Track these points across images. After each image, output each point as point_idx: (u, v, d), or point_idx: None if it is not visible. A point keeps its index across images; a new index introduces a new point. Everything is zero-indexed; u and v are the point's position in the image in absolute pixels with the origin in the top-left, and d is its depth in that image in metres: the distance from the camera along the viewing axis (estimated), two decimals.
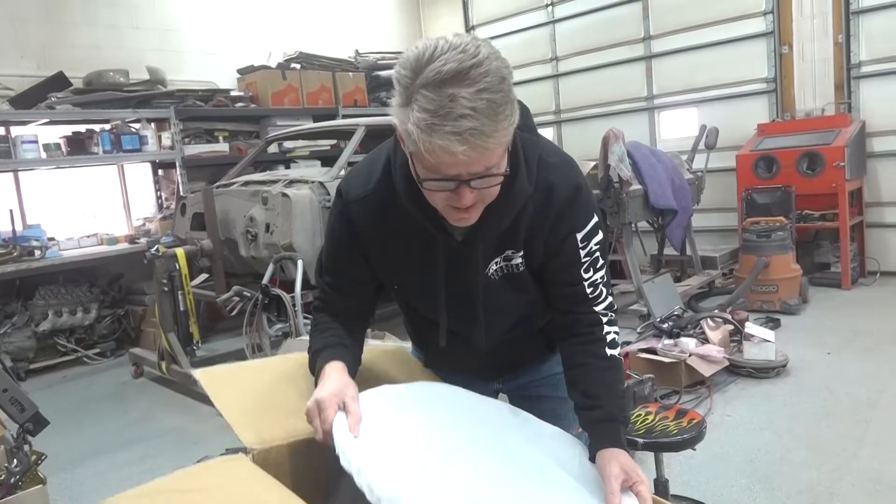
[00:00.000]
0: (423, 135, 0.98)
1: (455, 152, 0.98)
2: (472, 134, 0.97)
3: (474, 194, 1.07)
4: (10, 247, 5.11)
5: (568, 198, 1.23)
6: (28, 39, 5.79)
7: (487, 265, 1.28)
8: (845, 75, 5.86)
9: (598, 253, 1.30)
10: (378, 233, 1.28)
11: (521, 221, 1.23)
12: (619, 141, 4.59)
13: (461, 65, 0.97)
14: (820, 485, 2.64)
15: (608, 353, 1.29)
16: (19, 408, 2.09)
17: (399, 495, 0.96)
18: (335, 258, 1.37)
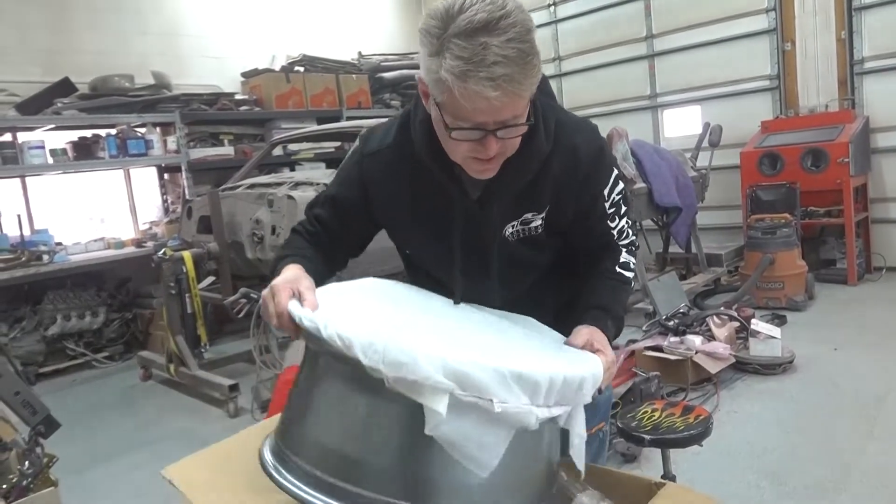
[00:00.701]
0: (457, 81, 1.01)
1: (489, 97, 1.01)
2: (505, 80, 1.00)
3: (499, 144, 1.10)
4: (19, 252, 5.15)
5: (593, 157, 1.28)
6: (34, 45, 5.83)
7: (503, 227, 1.29)
8: (848, 71, 5.85)
9: (620, 200, 1.35)
10: (391, 188, 1.31)
11: (546, 182, 1.26)
12: (622, 140, 4.60)
13: (491, 15, 1.01)
14: (828, 480, 2.64)
15: (617, 270, 1.35)
16: (31, 410, 2.11)
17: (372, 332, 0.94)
18: (337, 195, 1.39)
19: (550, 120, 1.23)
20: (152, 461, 3.53)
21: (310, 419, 1.05)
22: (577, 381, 1.02)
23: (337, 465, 0.97)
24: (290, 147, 6.44)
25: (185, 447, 3.76)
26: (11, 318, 5.26)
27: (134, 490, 3.20)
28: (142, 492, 3.15)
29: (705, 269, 5.67)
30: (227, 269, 4.56)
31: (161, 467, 3.37)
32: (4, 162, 5.17)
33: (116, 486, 3.29)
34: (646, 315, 4.65)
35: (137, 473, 3.40)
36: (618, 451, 2.96)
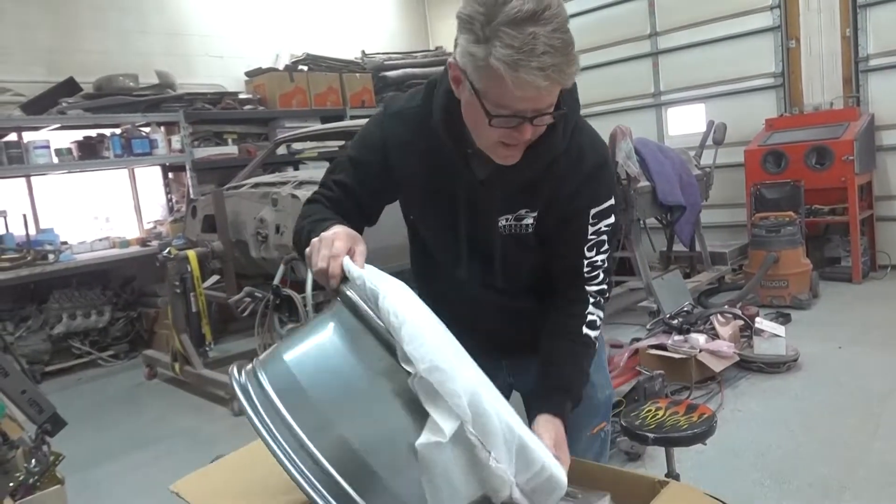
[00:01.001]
0: (509, 70, 1.02)
1: (539, 87, 1.03)
2: (553, 70, 1.02)
3: (532, 131, 1.12)
4: (24, 251, 5.17)
5: (595, 168, 1.28)
6: (38, 45, 5.85)
7: (498, 217, 1.31)
8: (853, 69, 5.83)
9: (606, 236, 1.32)
10: (408, 150, 1.31)
11: (546, 180, 1.26)
12: (626, 138, 4.59)
13: (538, 5, 1.02)
14: (832, 478, 2.64)
15: (583, 332, 1.32)
16: (37, 409, 2.13)
17: (422, 326, 0.93)
18: (358, 157, 1.37)
19: (571, 120, 1.24)
20: (158, 459, 3.55)
21: (304, 366, 0.98)
22: (556, 484, 1.00)
23: (310, 420, 0.92)
24: (293, 146, 6.45)
25: (189, 445, 3.82)
26: (17, 317, 5.29)
27: (139, 488, 3.22)
28: (147, 489, 3.16)
29: (709, 268, 5.66)
30: (231, 268, 4.57)
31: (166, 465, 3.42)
32: (10, 162, 5.19)
33: (122, 483, 3.31)
34: (650, 313, 4.64)
35: (143, 471, 3.41)
36: (621, 450, 2.96)
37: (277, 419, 0.92)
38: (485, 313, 1.45)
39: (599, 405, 1.58)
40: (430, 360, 0.88)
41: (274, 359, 1.02)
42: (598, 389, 1.57)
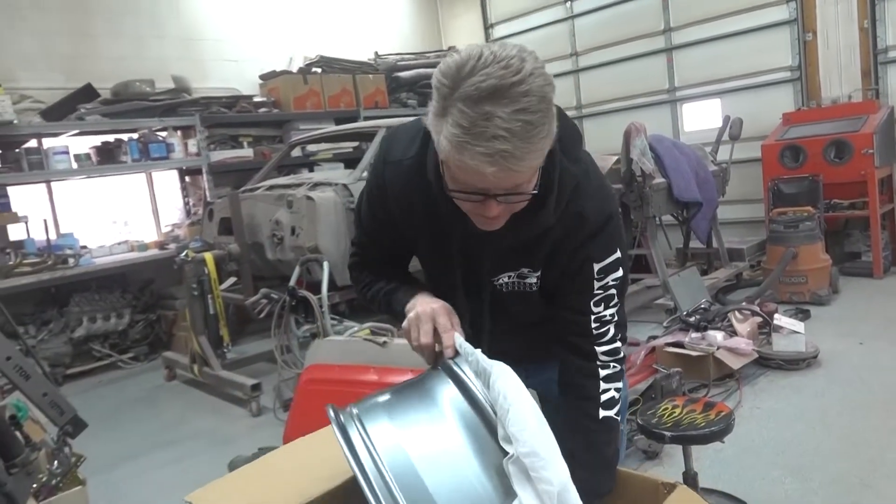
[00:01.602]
0: (454, 151, 0.97)
1: (484, 173, 0.96)
2: (503, 156, 0.94)
3: (500, 207, 1.06)
4: (45, 255, 5.25)
5: (596, 228, 1.21)
6: (56, 53, 5.94)
7: (498, 275, 1.28)
8: (872, 61, 5.74)
9: (615, 290, 1.25)
10: (405, 202, 1.29)
11: (545, 243, 1.22)
12: (640, 134, 4.55)
13: (502, 81, 0.93)
14: (853, 476, 2.60)
15: (601, 416, 1.25)
16: (59, 411, 2.15)
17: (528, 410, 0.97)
18: (371, 212, 1.37)
19: (566, 188, 1.16)
20: (178, 460, 3.59)
21: (403, 420, 1.06)
22: None
23: (401, 467, 0.98)
24: (308, 148, 6.49)
25: (209, 446, 3.85)
26: (39, 320, 5.37)
27: (159, 489, 3.25)
28: (167, 490, 3.20)
29: (727, 264, 5.60)
30: (247, 270, 4.61)
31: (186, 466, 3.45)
32: (30, 168, 5.28)
33: (143, 484, 3.34)
34: (667, 311, 4.61)
35: (163, 472, 3.45)
36: (639, 448, 2.94)
37: (370, 460, 0.97)
38: (496, 337, 1.43)
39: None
40: (530, 446, 0.92)
41: (374, 406, 1.10)
42: None
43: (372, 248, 1.42)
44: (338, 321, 3.63)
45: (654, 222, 4.90)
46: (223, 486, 1.42)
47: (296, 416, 2.99)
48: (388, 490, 0.93)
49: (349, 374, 2.87)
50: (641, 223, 4.84)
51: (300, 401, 3.04)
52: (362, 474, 0.95)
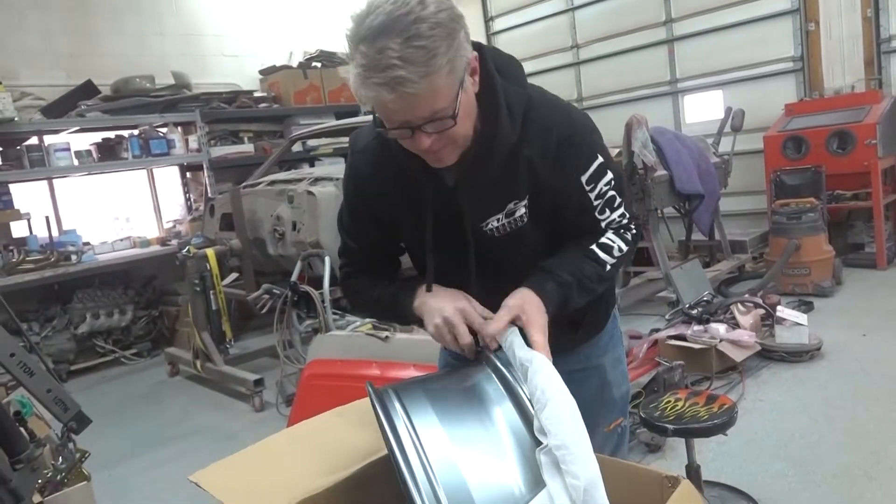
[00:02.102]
0: (357, 88, 1.03)
1: (384, 101, 1.02)
2: (398, 82, 0.99)
3: (432, 138, 1.09)
4: (48, 252, 5.26)
5: (565, 137, 1.22)
6: (57, 50, 5.93)
7: (487, 219, 1.27)
8: (875, 50, 5.71)
9: (612, 192, 1.28)
10: (378, 183, 1.31)
11: (520, 166, 1.23)
12: (642, 127, 4.54)
13: (391, 16, 0.99)
14: (857, 468, 2.60)
15: (591, 247, 1.29)
16: (63, 407, 2.16)
17: (564, 408, 1.00)
18: (351, 212, 1.40)
19: (518, 106, 1.20)
20: (181, 455, 3.60)
21: (442, 402, 1.09)
22: None
23: (434, 440, 1.00)
24: (309, 143, 6.48)
25: (212, 441, 3.86)
26: (42, 317, 5.38)
27: (164, 484, 3.27)
28: (172, 485, 3.21)
29: (729, 256, 5.59)
30: (249, 266, 4.61)
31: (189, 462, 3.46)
32: (32, 165, 5.28)
33: (148, 479, 3.36)
34: (669, 304, 4.61)
35: (167, 467, 3.46)
36: (641, 441, 2.95)
37: (408, 436, 1.00)
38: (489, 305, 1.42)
39: (616, 401, 1.56)
40: (563, 439, 0.95)
41: (413, 387, 1.13)
42: (615, 386, 1.55)
43: (360, 253, 1.42)
44: (340, 316, 3.63)
45: (656, 215, 4.89)
46: (227, 467, 1.43)
47: (299, 411, 3.00)
48: (423, 466, 0.95)
49: (352, 368, 2.88)
50: (643, 216, 4.82)
51: (303, 396, 3.05)
52: (399, 448, 0.97)
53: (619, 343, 1.61)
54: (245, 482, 1.31)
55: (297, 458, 1.38)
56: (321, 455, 1.38)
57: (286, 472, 1.32)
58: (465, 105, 1.10)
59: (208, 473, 1.37)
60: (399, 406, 1.05)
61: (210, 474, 1.37)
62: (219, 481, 1.33)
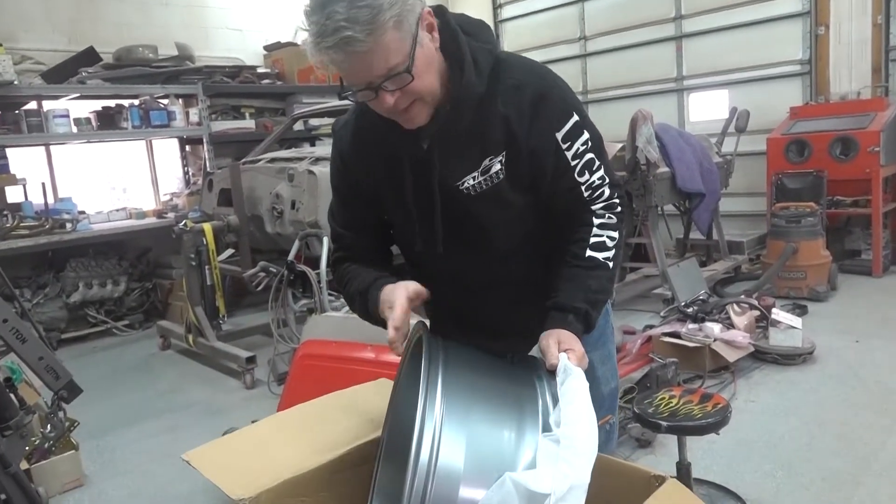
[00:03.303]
0: (313, 55, 1.08)
1: (338, 63, 1.07)
2: (346, 42, 1.03)
3: (396, 95, 1.11)
4: (43, 219, 5.22)
5: (538, 94, 1.23)
6: (59, 14, 5.85)
7: (463, 178, 1.26)
8: (883, 57, 5.69)
9: (590, 154, 1.28)
10: (360, 158, 1.32)
11: (494, 121, 1.23)
12: (647, 122, 4.52)
13: None
14: (845, 472, 2.61)
15: (587, 254, 1.27)
16: (54, 375, 2.14)
17: (584, 417, 1.02)
18: (338, 195, 1.41)
19: (484, 61, 1.21)
20: (170, 429, 3.60)
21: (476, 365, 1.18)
22: None
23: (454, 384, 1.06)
24: (310, 122, 6.43)
25: (201, 416, 3.86)
26: (35, 284, 5.35)
27: (152, 455, 3.26)
28: (160, 458, 3.20)
29: (726, 257, 5.60)
30: (246, 243, 4.59)
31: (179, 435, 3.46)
32: (30, 130, 5.23)
33: (135, 451, 3.35)
34: (664, 301, 4.61)
35: (156, 440, 3.46)
36: (632, 437, 2.95)
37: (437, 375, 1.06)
38: (483, 302, 1.42)
39: (604, 398, 1.55)
40: (571, 438, 0.97)
41: (460, 347, 1.20)
42: (603, 382, 1.54)
43: (351, 241, 1.41)
44: (335, 297, 3.61)
45: (656, 211, 4.88)
46: (219, 447, 1.44)
47: (291, 391, 2.98)
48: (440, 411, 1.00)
49: (346, 350, 2.86)
50: (643, 212, 4.82)
51: (295, 375, 3.04)
52: (427, 382, 1.03)
53: (609, 340, 1.60)
54: (234, 462, 1.32)
55: (286, 441, 1.38)
56: (310, 438, 1.38)
57: (274, 454, 1.33)
58: (423, 60, 1.12)
59: (199, 453, 1.37)
60: (443, 354, 1.11)
61: (201, 454, 1.37)
62: (209, 461, 1.33)
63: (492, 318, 1.43)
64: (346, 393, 1.59)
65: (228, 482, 1.23)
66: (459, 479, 0.97)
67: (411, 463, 0.95)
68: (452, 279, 1.39)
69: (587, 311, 1.24)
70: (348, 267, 1.39)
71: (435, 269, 1.39)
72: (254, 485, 1.21)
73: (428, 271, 1.40)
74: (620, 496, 1.19)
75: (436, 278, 1.36)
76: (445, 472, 0.96)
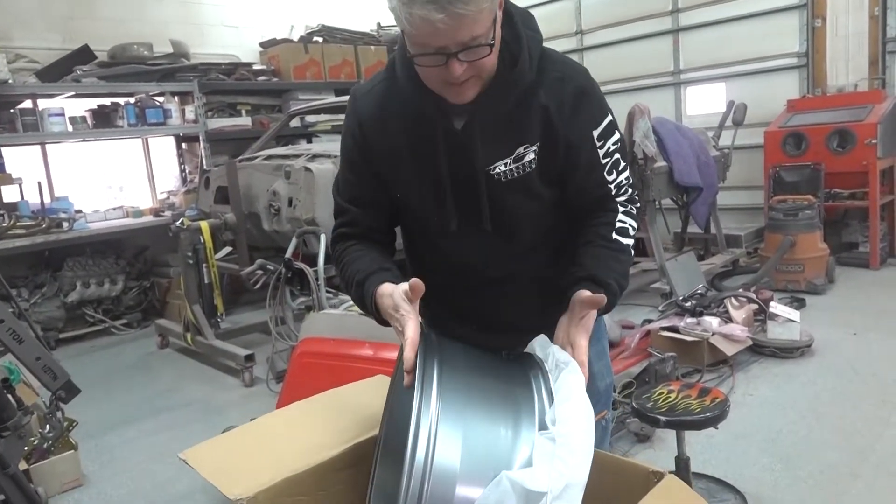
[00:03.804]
0: (404, 8, 1.03)
1: (433, 20, 1.02)
2: (448, 1, 1.00)
3: (464, 67, 1.09)
4: (39, 219, 5.20)
5: (580, 89, 1.25)
6: (53, 12, 5.82)
7: (494, 163, 1.25)
8: (880, 50, 5.69)
9: (619, 154, 1.31)
10: (381, 125, 1.28)
11: (534, 111, 1.23)
12: (644, 116, 4.51)
13: None
14: (843, 465, 2.62)
15: (613, 237, 1.28)
16: (52, 375, 2.13)
17: (580, 412, 1.02)
18: (349, 167, 1.36)
19: (535, 50, 1.22)
20: (169, 427, 3.60)
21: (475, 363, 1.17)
22: None
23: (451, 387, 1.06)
24: (307, 119, 6.41)
25: (200, 414, 3.85)
26: (32, 283, 5.34)
27: (151, 455, 3.26)
28: (159, 456, 3.21)
29: (724, 250, 5.60)
30: (243, 240, 4.58)
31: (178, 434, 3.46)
32: (25, 129, 5.20)
33: (134, 450, 3.35)
34: (662, 295, 4.61)
35: (155, 439, 3.46)
36: (631, 431, 2.96)
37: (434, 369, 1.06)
38: (490, 297, 1.39)
39: (600, 394, 1.53)
40: (569, 433, 0.96)
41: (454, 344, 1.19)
42: (599, 378, 1.52)
43: (355, 217, 1.36)
44: (333, 294, 3.61)
45: (654, 206, 4.88)
46: (217, 445, 1.43)
47: (289, 389, 2.98)
48: (435, 410, 1.00)
49: (344, 348, 2.86)
50: (641, 206, 4.81)
51: (294, 373, 3.03)
52: (422, 380, 1.02)
53: (603, 335, 1.61)
54: (231, 461, 1.32)
55: (283, 440, 1.38)
56: (307, 437, 1.38)
57: (272, 453, 1.32)
58: (496, 37, 1.11)
59: (196, 451, 1.37)
60: (439, 351, 1.10)
61: (198, 452, 1.37)
62: (206, 460, 1.33)
63: (494, 313, 1.41)
64: (343, 390, 1.59)
65: (225, 481, 1.23)
66: (456, 477, 0.97)
67: (407, 461, 0.95)
68: (460, 271, 1.37)
69: (616, 288, 1.24)
70: (349, 247, 1.35)
71: (442, 259, 1.37)
72: (251, 484, 1.21)
73: (433, 261, 1.39)
74: (619, 493, 1.19)
75: (440, 269, 1.35)
76: (442, 471, 0.96)
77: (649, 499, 1.11)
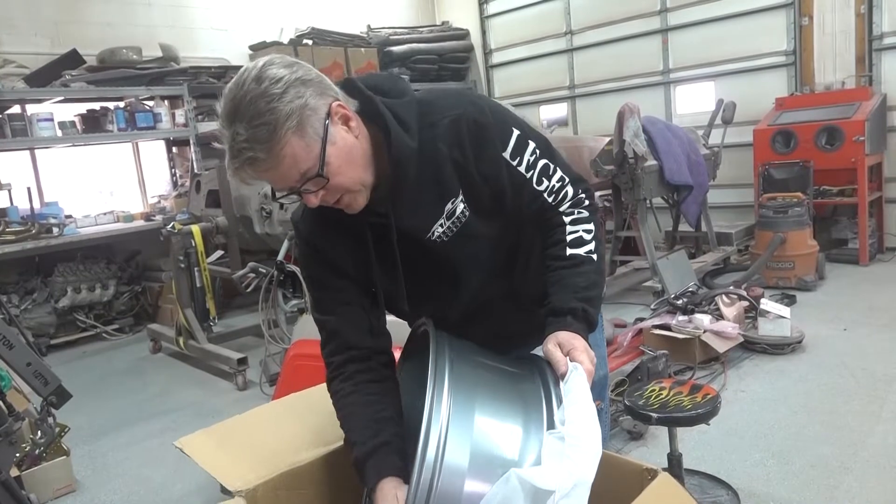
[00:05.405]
0: (230, 174, 1.12)
1: (244, 176, 1.09)
2: (251, 163, 1.06)
3: (319, 195, 1.12)
4: (29, 224, 5.18)
5: (474, 123, 1.22)
6: (41, 16, 5.79)
7: (431, 229, 1.26)
8: (867, 47, 5.73)
9: (542, 160, 1.27)
10: (327, 238, 1.30)
11: (442, 165, 1.22)
12: (634, 116, 4.53)
13: (233, 102, 1.06)
14: (834, 460, 2.64)
15: (568, 253, 1.27)
16: (43, 381, 2.12)
17: (587, 417, 1.04)
18: (314, 284, 1.36)
19: (407, 113, 1.20)
20: (162, 432, 3.58)
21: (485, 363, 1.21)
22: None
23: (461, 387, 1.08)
24: None
25: (194, 418, 3.84)
26: (23, 289, 5.31)
27: (144, 460, 3.25)
28: (152, 461, 3.19)
29: (715, 248, 5.63)
30: (235, 244, 4.58)
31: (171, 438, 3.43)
32: (14, 134, 5.18)
33: (127, 455, 3.33)
34: (654, 293, 4.63)
35: (148, 443, 3.44)
36: (624, 429, 2.97)
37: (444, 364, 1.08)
38: (483, 319, 1.41)
39: (594, 385, 1.56)
40: (576, 436, 0.98)
41: (466, 345, 1.22)
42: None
43: (341, 331, 1.34)
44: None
45: (645, 204, 4.90)
46: (211, 435, 1.44)
47: (283, 391, 2.98)
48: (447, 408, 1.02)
49: None
50: (632, 205, 4.84)
51: (287, 376, 3.03)
52: (434, 378, 1.04)
53: (598, 327, 1.61)
54: (228, 453, 1.31)
55: (281, 432, 1.37)
56: (306, 429, 1.38)
57: (270, 445, 1.32)
58: (339, 156, 1.11)
59: (192, 440, 1.37)
60: (449, 350, 1.13)
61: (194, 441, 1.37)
62: (202, 450, 1.33)
63: (494, 327, 1.43)
64: None
65: (224, 474, 1.23)
66: (465, 474, 0.98)
67: (418, 457, 0.96)
68: (444, 311, 1.36)
69: (583, 308, 1.23)
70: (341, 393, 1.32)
71: (425, 309, 1.36)
72: (250, 477, 1.21)
73: (416, 314, 1.39)
74: (613, 490, 1.20)
75: (425, 313, 1.36)
76: (451, 467, 0.98)
77: (644, 496, 1.13)
